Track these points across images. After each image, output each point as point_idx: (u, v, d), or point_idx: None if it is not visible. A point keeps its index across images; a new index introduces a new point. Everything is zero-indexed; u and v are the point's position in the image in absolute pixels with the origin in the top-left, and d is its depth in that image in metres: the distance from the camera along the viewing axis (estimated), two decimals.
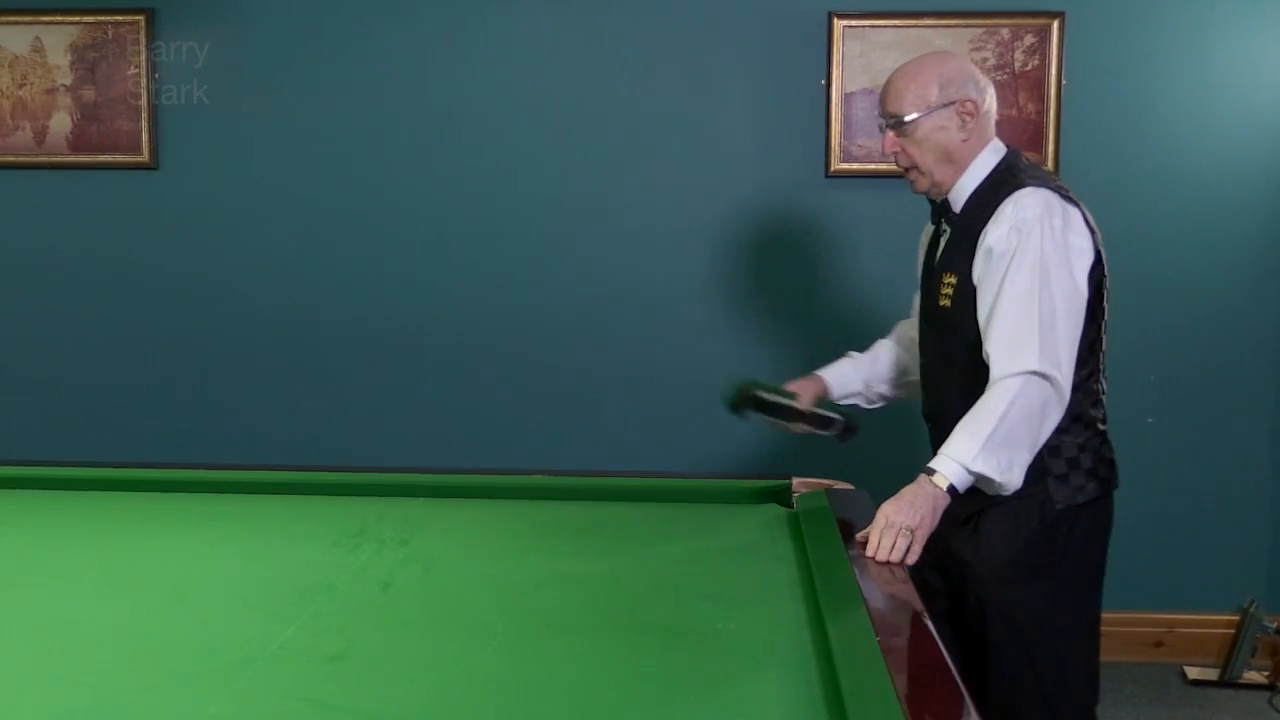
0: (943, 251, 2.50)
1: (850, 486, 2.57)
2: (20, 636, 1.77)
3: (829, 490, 2.54)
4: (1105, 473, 2.48)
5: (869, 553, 2.14)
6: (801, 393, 2.68)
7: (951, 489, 2.23)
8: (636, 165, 4.04)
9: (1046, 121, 3.90)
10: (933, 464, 2.25)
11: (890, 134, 2.46)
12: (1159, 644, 4.02)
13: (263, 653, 1.68)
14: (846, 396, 2.76)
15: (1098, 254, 2.42)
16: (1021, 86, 3.90)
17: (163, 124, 4.15)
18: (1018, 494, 2.32)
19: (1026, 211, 2.33)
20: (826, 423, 2.59)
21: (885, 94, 2.48)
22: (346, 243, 4.13)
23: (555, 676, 1.62)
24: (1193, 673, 3.90)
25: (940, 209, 2.52)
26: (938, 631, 1.78)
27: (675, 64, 4.02)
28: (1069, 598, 2.48)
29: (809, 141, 3.98)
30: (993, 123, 2.51)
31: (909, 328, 2.76)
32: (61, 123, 4.19)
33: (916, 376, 2.69)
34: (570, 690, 1.57)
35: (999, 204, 2.36)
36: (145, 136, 4.15)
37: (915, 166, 2.47)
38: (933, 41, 3.87)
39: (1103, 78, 3.93)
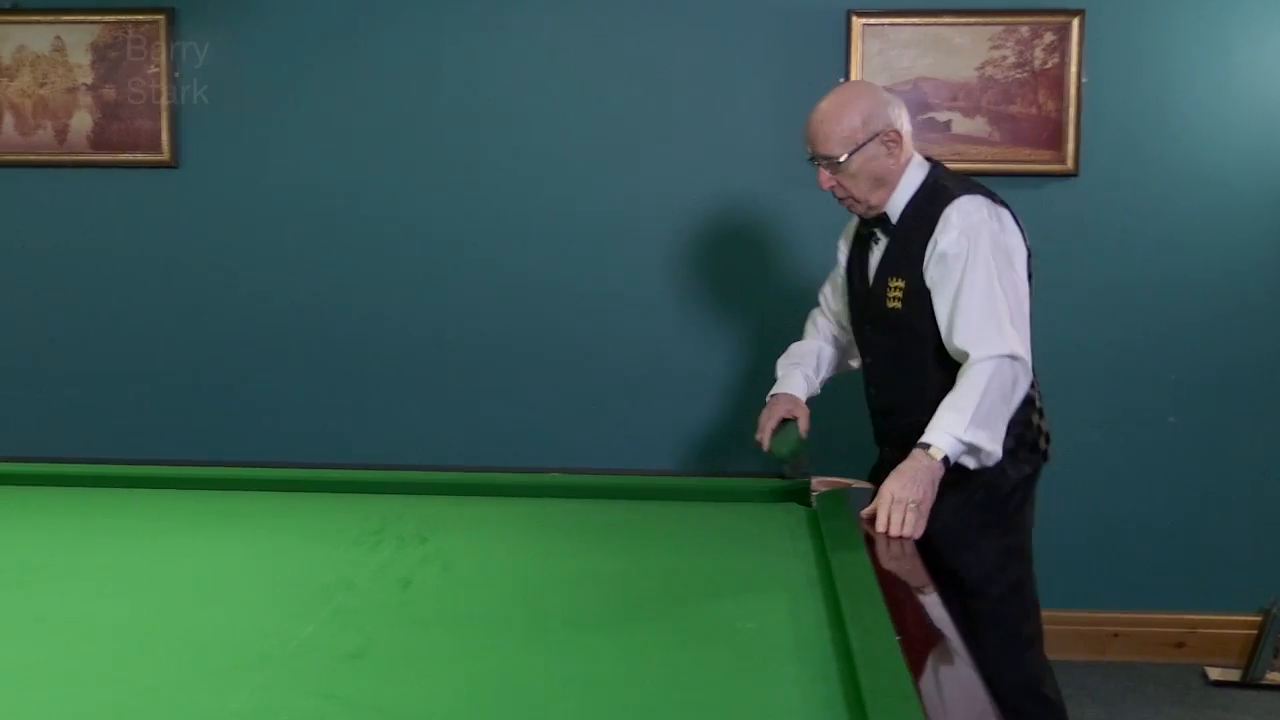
0: (882, 259, 2.74)
1: (869, 485, 2.56)
2: (41, 634, 1.78)
3: (848, 489, 2.53)
4: (1044, 446, 2.79)
5: (878, 528, 2.31)
6: (797, 416, 2.85)
7: (945, 460, 2.43)
8: (654, 164, 4.04)
9: (1066, 119, 3.89)
10: (926, 439, 2.45)
11: (824, 173, 2.69)
12: (1180, 645, 4.00)
13: (283, 650, 1.68)
14: (809, 399, 2.97)
15: (1028, 249, 2.71)
16: (1041, 84, 3.89)
17: (182, 122, 4.17)
18: (968, 471, 2.54)
19: (971, 217, 2.60)
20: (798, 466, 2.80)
21: (813, 137, 2.69)
22: (365, 241, 4.14)
23: (575, 674, 1.62)
24: (1214, 673, 3.87)
25: (872, 221, 2.75)
26: None
27: (693, 62, 4.02)
28: (1015, 563, 2.76)
29: None
30: (911, 140, 2.75)
31: (825, 321, 3.07)
32: (82, 121, 4.21)
33: (849, 361, 3.04)
34: (590, 688, 1.57)
35: (939, 213, 2.62)
36: (165, 135, 4.16)
37: (851, 196, 2.70)
38: (952, 39, 3.87)
39: (1123, 75, 3.91)
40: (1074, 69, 3.86)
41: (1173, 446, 3.91)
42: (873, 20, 3.92)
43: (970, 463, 2.51)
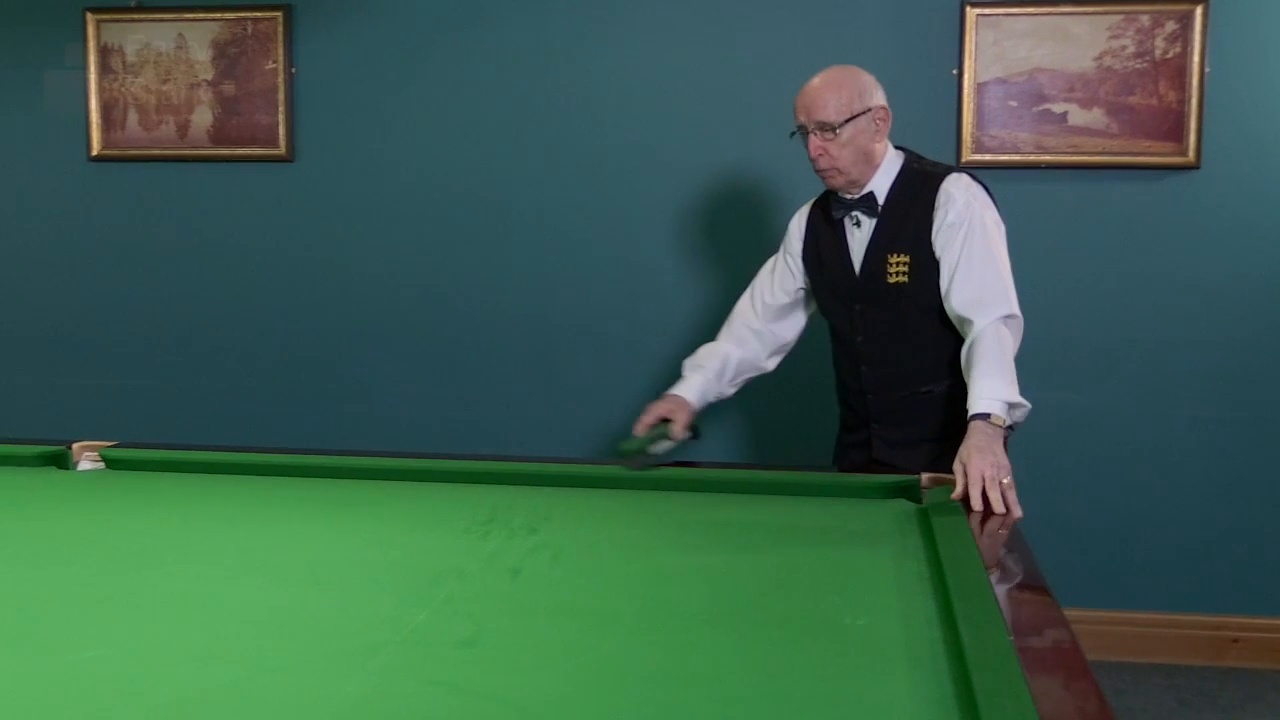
0: (874, 237, 2.89)
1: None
2: (165, 614, 1.82)
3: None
4: None
5: (977, 506, 2.35)
6: (672, 416, 2.92)
7: (1002, 422, 2.56)
8: (768, 155, 4.03)
9: (1188, 111, 3.80)
10: (982, 409, 2.55)
11: (815, 139, 2.84)
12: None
13: (396, 636, 1.71)
14: (704, 404, 3.06)
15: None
16: (1162, 75, 3.80)
17: (299, 117, 4.25)
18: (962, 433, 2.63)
19: (968, 192, 2.83)
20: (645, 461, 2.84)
21: (810, 104, 2.85)
22: (479, 232, 4.19)
23: (683, 667, 1.62)
24: None
25: (854, 204, 2.90)
26: None
27: (807, 53, 3.99)
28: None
29: (940, 133, 3.92)
30: None
31: (741, 324, 3.12)
32: (203, 117, 4.31)
33: (763, 363, 3.14)
34: (697, 681, 1.57)
35: (936, 188, 2.84)
36: (282, 130, 4.25)
37: (835, 167, 2.85)
38: (1070, 29, 3.79)
39: (1247, 65, 3.81)
40: (1197, 59, 3.77)
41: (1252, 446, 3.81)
42: (988, 11, 3.87)
43: (1014, 418, 2.64)
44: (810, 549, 2.25)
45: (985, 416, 2.54)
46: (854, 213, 2.92)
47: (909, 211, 2.86)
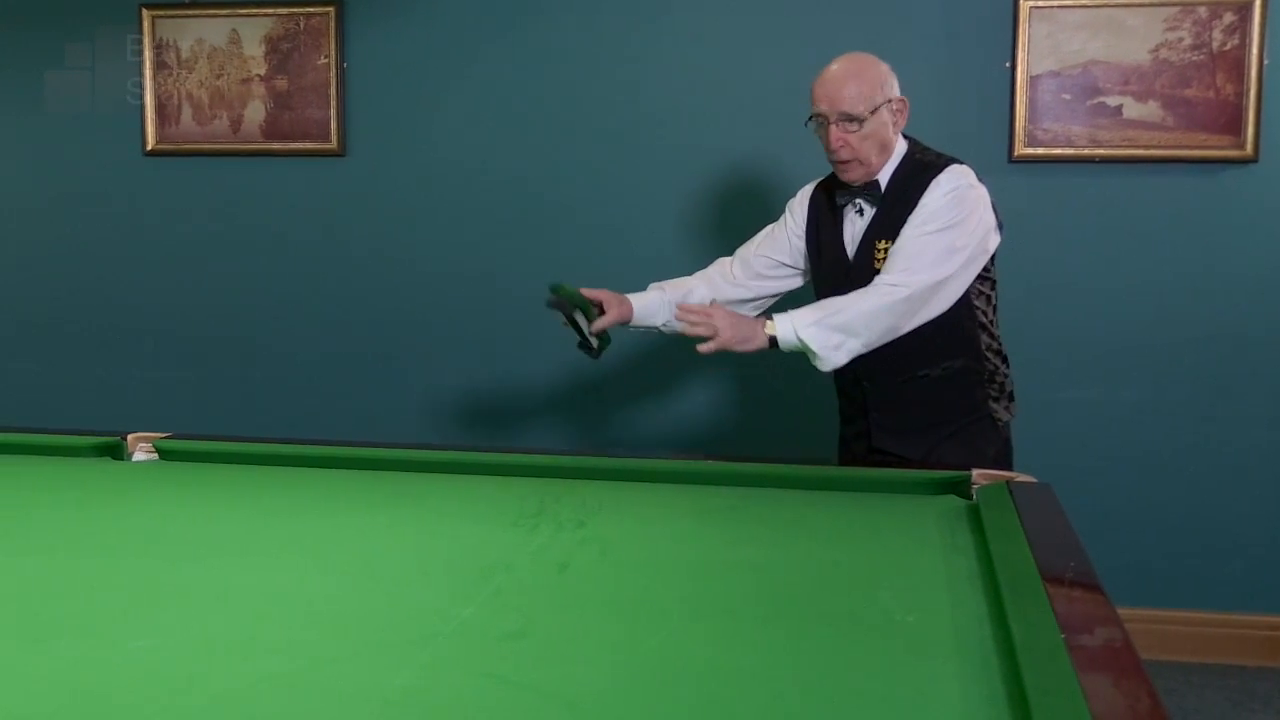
0: (869, 226, 2.88)
1: (1032, 479, 2.50)
2: (216, 604, 1.84)
3: (1010, 483, 2.47)
4: (1014, 395, 3.03)
5: (676, 314, 2.75)
6: (608, 307, 2.98)
7: (774, 341, 2.71)
8: (818, 151, 4.00)
9: (1246, 104, 3.75)
10: (775, 316, 2.73)
11: (836, 130, 2.82)
12: None
13: (445, 628, 1.72)
14: (644, 324, 3.08)
15: (1000, 226, 2.89)
16: (1219, 67, 3.75)
17: (350, 112, 4.28)
18: (968, 420, 2.88)
19: (959, 181, 2.80)
20: (584, 346, 3.00)
21: (833, 94, 2.81)
22: (528, 226, 4.20)
23: (731, 663, 1.62)
24: None
25: (859, 191, 2.89)
26: None
27: (857, 46, 3.96)
28: None
29: (992, 126, 3.89)
30: None
31: (720, 269, 3.17)
32: (256, 111, 4.35)
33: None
34: (746, 676, 1.57)
35: (930, 178, 2.80)
36: (334, 124, 4.29)
37: (857, 159, 2.84)
38: (1125, 21, 3.75)
39: None
40: (1255, 50, 3.72)
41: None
42: (1042, 3, 3.83)
43: (811, 360, 2.75)
44: (859, 544, 2.24)
45: (769, 319, 2.72)
46: (857, 200, 2.92)
47: (903, 199, 2.85)
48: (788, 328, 2.70)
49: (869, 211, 2.91)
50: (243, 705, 1.45)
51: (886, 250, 2.84)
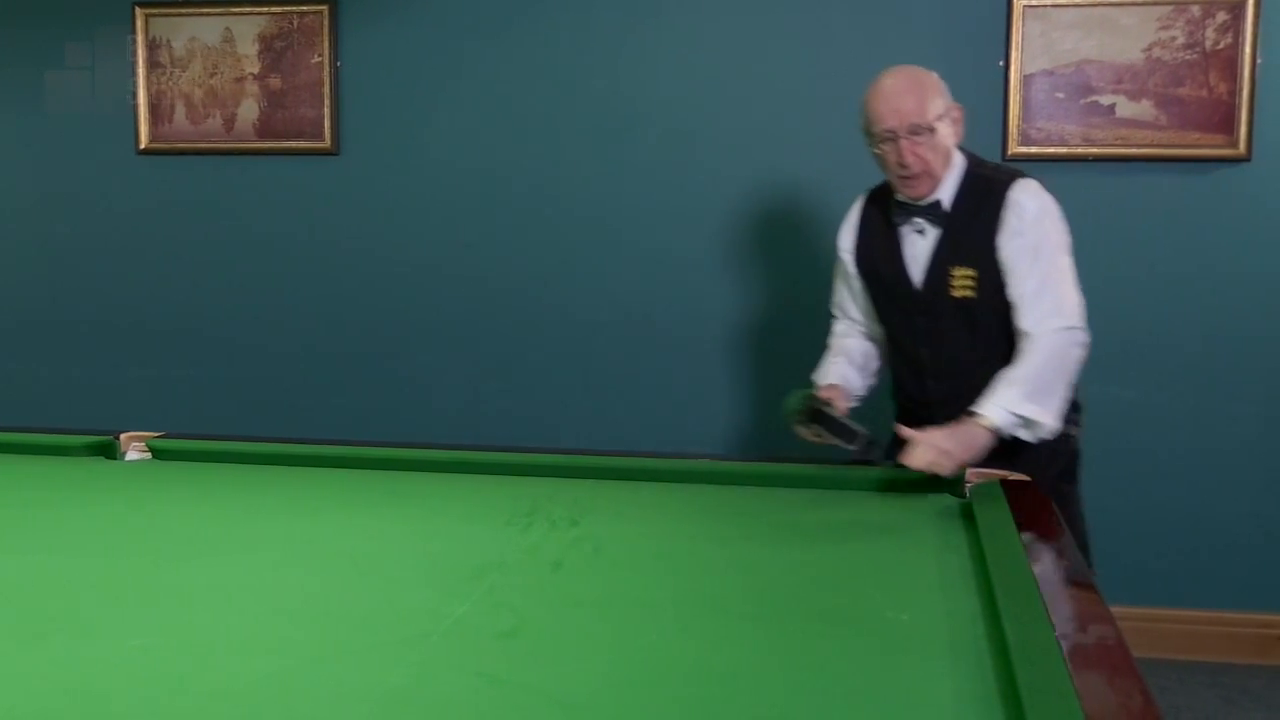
0: (938, 248, 2.75)
1: (1026, 478, 2.51)
2: (210, 603, 1.84)
3: (1004, 481, 2.48)
4: (1080, 406, 2.90)
5: (903, 459, 2.46)
6: (838, 404, 2.76)
7: (994, 429, 2.53)
8: (810, 149, 4.01)
9: (1239, 103, 3.75)
10: (976, 408, 2.55)
11: (908, 144, 2.68)
12: None
13: (438, 627, 1.72)
14: (850, 399, 2.89)
15: None
16: (1212, 66, 3.76)
17: (344, 111, 4.27)
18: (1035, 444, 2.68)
19: (1037, 200, 2.70)
20: (854, 437, 2.64)
21: (901, 107, 2.68)
22: (522, 226, 4.20)
23: (724, 661, 1.62)
24: None
25: (919, 211, 2.76)
26: None
27: (851, 46, 3.98)
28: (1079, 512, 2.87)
29: (986, 125, 3.89)
30: None
31: (844, 327, 3.03)
32: (249, 110, 4.34)
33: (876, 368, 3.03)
34: (739, 674, 1.57)
35: (1002, 195, 2.69)
36: (328, 123, 4.28)
37: (928, 171, 2.71)
38: (1119, 21, 3.75)
39: None
40: (1248, 49, 3.73)
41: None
42: (1035, 2, 3.83)
43: (1025, 435, 2.59)
44: (852, 543, 2.25)
45: (974, 415, 2.55)
46: (917, 219, 2.78)
47: (974, 221, 2.72)
48: (1001, 412, 2.54)
49: (931, 232, 2.77)
50: (236, 704, 1.45)
51: (967, 279, 2.72)
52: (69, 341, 4.57)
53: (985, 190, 2.73)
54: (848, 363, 2.97)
